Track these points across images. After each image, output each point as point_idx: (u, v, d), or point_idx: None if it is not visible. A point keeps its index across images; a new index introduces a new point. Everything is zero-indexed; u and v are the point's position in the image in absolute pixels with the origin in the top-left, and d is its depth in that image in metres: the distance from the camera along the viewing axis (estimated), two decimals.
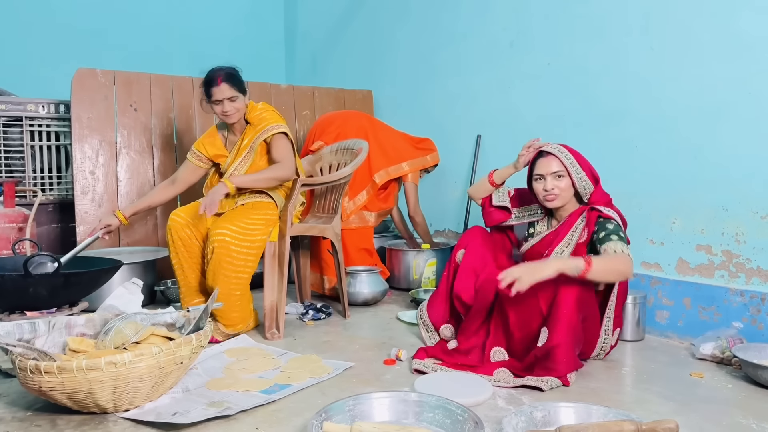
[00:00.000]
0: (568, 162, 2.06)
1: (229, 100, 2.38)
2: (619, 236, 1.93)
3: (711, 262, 2.26)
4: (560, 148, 2.09)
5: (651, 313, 2.40)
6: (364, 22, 4.18)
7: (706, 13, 2.22)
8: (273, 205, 2.45)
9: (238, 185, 2.29)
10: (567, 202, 2.10)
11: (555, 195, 2.06)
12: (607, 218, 1.97)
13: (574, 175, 2.06)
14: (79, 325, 1.87)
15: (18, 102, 3.27)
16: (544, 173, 2.07)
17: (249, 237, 2.30)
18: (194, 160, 2.55)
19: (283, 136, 2.44)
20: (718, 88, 2.20)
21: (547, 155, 2.09)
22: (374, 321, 2.62)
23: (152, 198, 2.55)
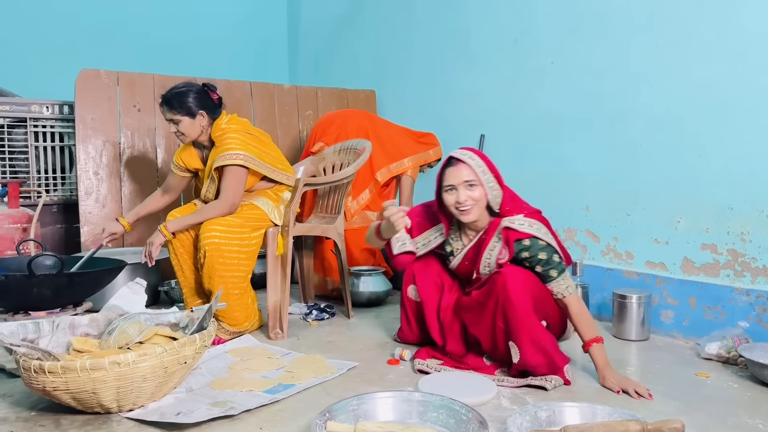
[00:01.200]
0: (480, 170, 1.88)
1: (172, 123, 2.35)
2: (555, 267, 1.86)
3: (716, 262, 2.25)
4: (470, 154, 1.90)
5: (656, 312, 2.39)
6: (366, 22, 4.18)
7: (709, 11, 2.21)
8: (257, 207, 2.41)
9: (172, 230, 2.31)
10: (482, 215, 1.93)
11: (468, 207, 1.88)
12: (527, 238, 1.85)
13: (485, 184, 1.88)
14: (83, 325, 1.87)
15: (22, 103, 3.28)
16: (455, 183, 1.88)
17: (238, 235, 2.29)
18: (177, 171, 2.55)
19: (233, 169, 2.31)
20: (723, 86, 2.19)
21: (456, 163, 1.89)
22: (378, 321, 2.62)
23: (149, 206, 2.58)
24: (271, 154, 2.48)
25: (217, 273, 2.24)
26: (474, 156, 1.91)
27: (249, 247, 2.33)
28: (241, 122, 2.46)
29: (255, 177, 2.44)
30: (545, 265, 1.87)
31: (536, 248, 1.86)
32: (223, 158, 2.31)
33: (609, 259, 2.59)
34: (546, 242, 1.88)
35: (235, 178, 2.32)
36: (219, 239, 2.24)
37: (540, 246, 1.87)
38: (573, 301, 1.89)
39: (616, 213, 2.56)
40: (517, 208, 1.94)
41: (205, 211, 2.32)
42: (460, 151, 1.93)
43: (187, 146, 2.53)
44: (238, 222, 2.31)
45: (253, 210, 2.39)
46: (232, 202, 2.32)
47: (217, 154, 2.34)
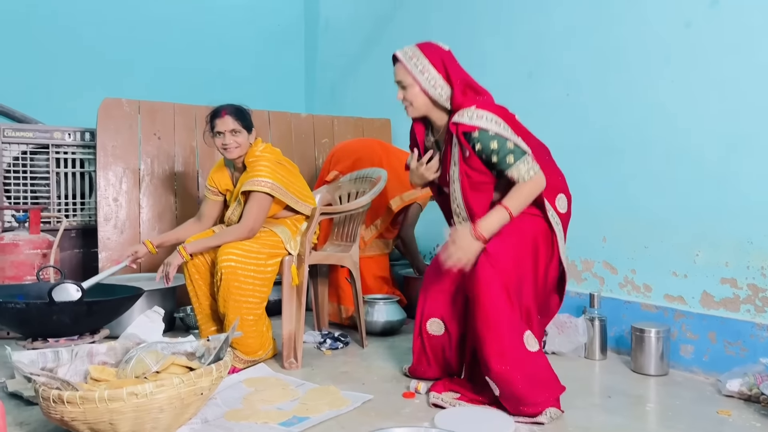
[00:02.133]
0: (416, 69, 1.86)
1: (231, 133, 2.38)
2: (510, 153, 1.81)
3: (736, 296, 2.22)
4: (411, 51, 1.89)
5: (675, 347, 2.35)
6: (382, 53, 4.23)
7: (727, 45, 2.22)
8: (276, 234, 2.43)
9: (191, 252, 2.33)
10: (427, 112, 1.93)
11: (406, 106, 1.92)
12: (474, 130, 1.80)
13: (423, 83, 1.86)
14: (101, 354, 1.88)
15: (45, 130, 3.36)
16: (396, 82, 1.92)
17: (254, 261, 2.31)
18: (210, 195, 2.58)
19: (259, 196, 2.35)
20: (741, 120, 2.19)
21: (395, 63, 1.91)
22: (392, 351, 2.60)
23: (179, 233, 2.57)
24: (297, 184, 2.52)
25: (232, 297, 2.25)
26: (414, 52, 1.89)
27: (264, 273, 2.34)
28: (274, 151, 2.52)
29: (279, 205, 2.47)
30: (499, 154, 1.82)
31: (486, 139, 1.82)
32: (251, 183, 2.35)
33: (627, 291, 2.57)
34: (495, 132, 1.81)
35: (258, 205, 2.36)
36: (235, 263, 2.25)
37: (489, 136, 1.81)
38: (530, 183, 1.83)
39: (633, 245, 2.54)
40: (469, 100, 1.87)
41: (224, 234, 2.35)
42: (406, 47, 1.91)
43: (220, 167, 2.58)
44: (255, 247, 2.32)
45: (272, 236, 2.41)
46: (251, 227, 2.34)
47: (246, 179, 2.39)
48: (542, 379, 1.82)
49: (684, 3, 2.35)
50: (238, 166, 2.52)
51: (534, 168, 1.85)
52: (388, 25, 4.17)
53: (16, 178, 3.27)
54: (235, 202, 2.48)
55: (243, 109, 2.44)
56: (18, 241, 2.76)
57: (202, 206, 2.63)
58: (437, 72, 1.87)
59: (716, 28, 2.26)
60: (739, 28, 2.19)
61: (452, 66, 1.93)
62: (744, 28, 2.18)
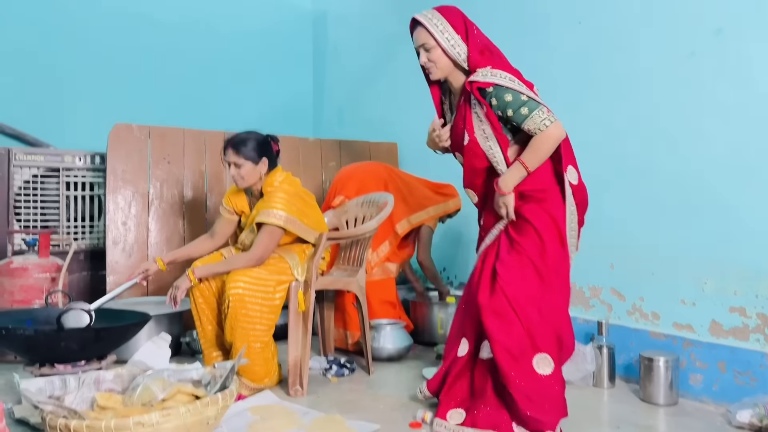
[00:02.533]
0: (436, 30, 1.92)
1: (234, 165, 2.41)
2: (525, 105, 1.85)
3: (745, 325, 2.20)
4: (430, 14, 1.95)
5: (684, 376, 2.33)
6: (388, 78, 4.28)
7: (731, 74, 2.24)
8: (285, 260, 2.44)
9: (199, 276, 2.35)
10: (449, 74, 1.99)
11: (429, 68, 1.98)
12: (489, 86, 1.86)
13: (443, 44, 1.92)
14: (108, 381, 1.89)
15: (56, 153, 3.40)
16: (416, 47, 1.99)
17: (263, 288, 2.31)
18: (226, 214, 2.60)
19: (271, 228, 2.35)
20: (747, 148, 2.20)
21: (416, 28, 1.98)
22: (399, 378, 2.59)
23: (191, 250, 2.58)
24: (311, 216, 2.51)
25: (239, 324, 2.25)
26: (434, 15, 1.94)
27: (272, 300, 2.34)
28: (293, 182, 2.53)
29: (290, 236, 2.47)
30: (514, 105, 1.86)
31: (501, 92, 1.87)
32: (266, 215, 2.35)
33: (635, 319, 2.55)
34: (509, 87, 1.86)
35: (270, 236, 2.37)
36: (243, 290, 2.26)
37: (504, 89, 1.87)
38: (547, 132, 1.86)
39: (641, 272, 2.53)
40: (485, 60, 1.93)
41: (233, 261, 2.37)
42: (425, 11, 1.97)
43: (239, 190, 2.58)
44: (264, 274, 2.33)
45: (280, 262, 2.41)
46: (260, 257, 2.35)
47: (262, 207, 2.39)
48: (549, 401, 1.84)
49: (688, 32, 2.38)
50: (255, 193, 2.54)
51: (550, 118, 1.87)
52: (396, 51, 4.22)
53: (26, 201, 3.30)
54: (248, 228, 2.49)
55: (245, 140, 2.43)
56: (27, 265, 2.78)
57: (216, 223, 2.65)
58: (456, 32, 1.93)
59: (720, 58, 2.28)
60: (743, 58, 2.21)
61: (471, 27, 1.99)
62: (748, 58, 2.20)
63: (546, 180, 1.97)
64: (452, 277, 3.65)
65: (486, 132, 1.95)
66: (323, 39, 5.20)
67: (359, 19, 4.71)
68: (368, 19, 4.57)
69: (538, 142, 1.88)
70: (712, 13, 2.30)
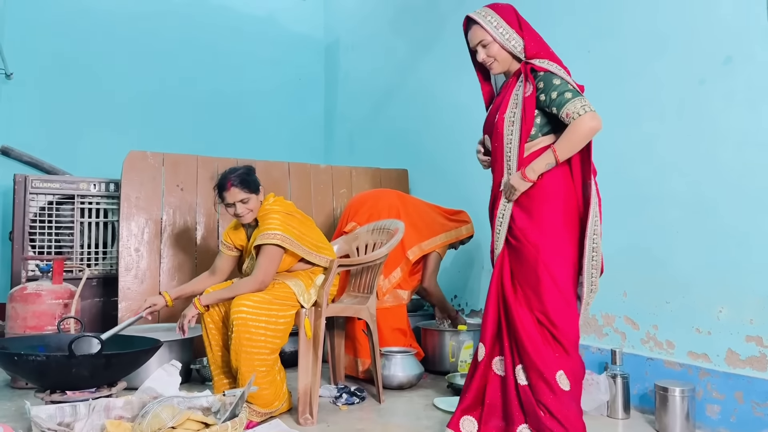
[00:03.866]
0: (492, 26, 2.00)
1: (241, 203, 2.44)
2: (569, 90, 1.91)
3: (762, 355, 2.16)
4: (484, 12, 2.03)
5: (701, 406, 2.28)
6: (399, 105, 4.33)
7: (740, 102, 2.24)
8: (288, 287, 2.43)
9: (205, 303, 2.37)
10: (509, 66, 2.07)
11: (490, 63, 2.05)
12: (543, 71, 1.94)
13: (499, 39, 2.00)
14: (118, 408, 1.89)
15: (71, 181, 3.46)
16: (473, 45, 2.06)
17: (266, 312, 2.31)
18: (225, 250, 2.63)
19: (269, 248, 2.38)
20: (759, 175, 2.18)
21: (471, 26, 2.06)
22: (409, 407, 2.56)
23: (195, 286, 2.60)
24: (310, 236, 2.53)
25: (243, 349, 2.25)
26: (488, 12, 2.02)
27: (276, 324, 2.34)
28: (284, 204, 2.56)
29: (293, 258, 2.49)
30: (559, 89, 1.92)
31: (550, 77, 1.94)
32: (262, 237, 2.38)
33: (649, 347, 2.52)
34: (560, 75, 1.93)
35: (268, 257, 2.38)
36: (246, 314, 2.26)
37: (554, 75, 1.94)
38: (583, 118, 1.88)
39: (654, 300, 2.51)
40: (543, 52, 2.01)
41: (237, 287, 2.38)
42: (477, 9, 2.05)
43: (237, 225, 2.62)
44: (267, 299, 2.33)
45: (284, 289, 2.41)
46: (262, 280, 2.36)
47: (258, 233, 2.42)
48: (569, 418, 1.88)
49: (697, 60, 2.39)
50: (251, 224, 2.57)
51: (590, 106, 1.91)
52: (406, 78, 4.28)
53: (41, 227, 3.35)
54: (248, 257, 2.52)
55: (247, 175, 2.46)
56: (41, 291, 2.80)
57: (216, 260, 2.67)
58: (510, 26, 2.01)
59: (729, 85, 2.28)
60: (753, 85, 2.21)
61: (523, 20, 2.06)
62: (757, 85, 2.20)
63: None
64: (464, 304, 3.62)
65: (515, 116, 2.00)
66: (335, 67, 5.28)
67: (370, 48, 4.79)
68: (379, 48, 4.64)
69: (574, 128, 1.91)
70: (720, 42, 2.32)
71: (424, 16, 4.10)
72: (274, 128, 4.97)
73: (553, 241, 1.96)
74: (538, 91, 1.96)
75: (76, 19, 4.29)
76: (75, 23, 4.29)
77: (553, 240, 1.96)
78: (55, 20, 4.22)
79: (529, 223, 1.98)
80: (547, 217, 1.97)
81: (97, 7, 4.38)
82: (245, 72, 4.99)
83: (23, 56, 4.10)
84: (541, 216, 1.97)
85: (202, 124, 4.72)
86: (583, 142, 1.92)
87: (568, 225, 1.99)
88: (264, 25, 5.11)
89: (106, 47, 4.40)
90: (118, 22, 4.45)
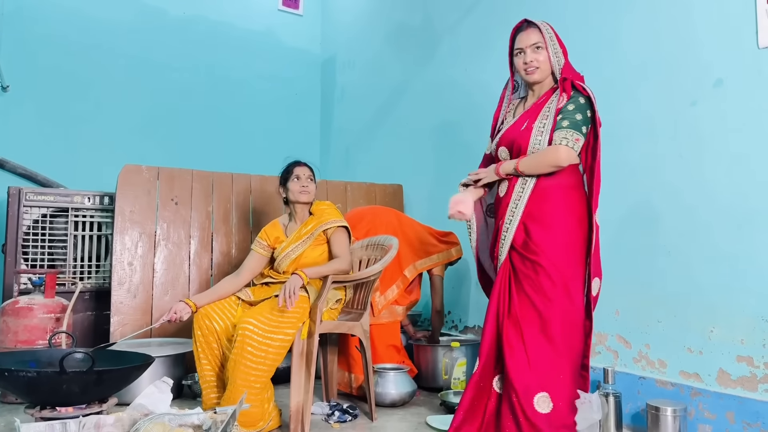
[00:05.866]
0: (548, 35, 2.11)
1: (308, 179, 2.72)
2: (570, 120, 2.01)
3: (753, 375, 2.17)
4: (542, 22, 2.14)
5: (692, 426, 2.29)
6: (395, 120, 4.36)
7: (732, 123, 2.27)
8: (306, 299, 2.48)
9: (310, 276, 2.46)
10: (546, 77, 2.15)
11: (534, 68, 2.12)
12: (580, 91, 2.04)
13: (550, 48, 2.10)
14: (108, 425, 1.87)
15: (65, 194, 3.45)
16: (524, 46, 2.13)
17: (273, 330, 2.31)
18: (259, 249, 2.72)
19: (343, 231, 2.68)
20: (750, 197, 2.21)
21: (527, 27, 2.14)
22: (402, 425, 2.55)
23: (219, 290, 2.58)
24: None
25: (243, 361, 2.24)
26: (546, 23, 2.14)
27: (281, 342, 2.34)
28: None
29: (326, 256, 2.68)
30: (568, 114, 2.01)
31: (574, 100, 2.05)
32: (334, 222, 2.66)
33: (641, 366, 2.52)
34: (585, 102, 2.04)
35: (345, 241, 2.67)
36: (250, 332, 2.26)
37: (579, 101, 2.05)
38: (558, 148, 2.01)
39: (646, 319, 2.52)
40: (578, 77, 2.11)
41: (334, 264, 2.55)
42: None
43: (274, 223, 2.80)
44: (276, 317, 2.34)
45: (301, 302, 2.42)
46: (349, 260, 2.61)
47: (321, 221, 2.67)
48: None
49: (689, 83, 2.42)
50: (297, 218, 2.75)
51: (570, 142, 2.01)
52: (401, 96, 4.31)
53: (34, 240, 3.34)
54: (298, 241, 2.66)
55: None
56: (33, 305, 2.79)
57: (246, 260, 2.72)
58: (559, 44, 2.13)
59: (720, 107, 2.31)
60: (743, 107, 2.25)
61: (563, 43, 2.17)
62: (748, 107, 2.23)
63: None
64: (457, 320, 3.63)
65: (545, 127, 2.08)
66: (331, 83, 5.32)
67: (366, 64, 4.83)
68: (375, 65, 4.68)
69: (545, 152, 2.04)
70: (711, 64, 2.35)
71: (419, 34, 4.14)
72: (270, 143, 4.98)
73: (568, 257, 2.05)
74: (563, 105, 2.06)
75: (73, 33, 4.31)
76: (71, 36, 4.30)
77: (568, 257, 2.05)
78: (52, 33, 4.24)
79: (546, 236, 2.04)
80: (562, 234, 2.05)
81: (93, 20, 4.40)
82: (242, 86, 5.02)
83: (19, 69, 4.10)
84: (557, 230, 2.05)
85: (198, 139, 4.73)
86: (545, 168, 2.06)
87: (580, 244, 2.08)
88: (261, 40, 5.14)
89: (102, 61, 4.42)
90: (115, 35, 4.47)
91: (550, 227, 2.06)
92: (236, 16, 5.03)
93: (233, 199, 3.50)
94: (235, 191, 3.52)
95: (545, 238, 2.05)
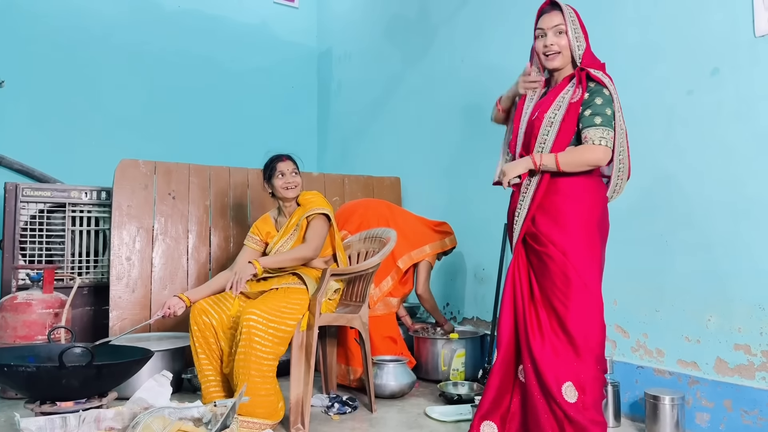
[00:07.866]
0: (570, 19, 2.03)
1: (292, 174, 2.64)
2: (601, 116, 1.93)
3: (751, 363, 2.18)
4: (566, 6, 2.06)
5: (690, 414, 2.30)
6: (391, 113, 4.35)
7: (728, 112, 2.27)
8: (305, 291, 2.48)
9: (264, 266, 2.45)
10: (566, 64, 2.07)
11: (553, 53, 2.04)
12: (599, 83, 1.96)
13: (570, 33, 2.02)
14: (108, 419, 1.88)
15: (62, 189, 3.44)
16: (546, 27, 2.05)
17: (277, 320, 2.31)
18: (251, 244, 2.71)
19: (321, 218, 2.62)
20: (747, 185, 2.21)
21: (551, 9, 2.06)
22: (402, 416, 2.56)
23: (214, 285, 2.57)
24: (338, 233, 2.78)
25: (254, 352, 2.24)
26: (570, 8, 2.06)
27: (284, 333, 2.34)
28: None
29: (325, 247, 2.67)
30: (595, 109, 1.94)
31: (600, 92, 1.95)
32: (313, 210, 2.62)
33: (639, 355, 2.54)
34: (610, 95, 1.95)
35: (319, 227, 2.60)
36: (255, 322, 2.26)
37: (604, 94, 1.95)
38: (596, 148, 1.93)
39: (644, 308, 2.53)
40: (598, 65, 2.03)
41: (294, 251, 2.52)
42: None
43: (265, 218, 2.78)
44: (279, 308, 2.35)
45: (300, 295, 2.44)
46: (315, 246, 2.54)
47: (304, 211, 2.64)
48: None
49: (686, 72, 2.42)
50: (286, 211, 2.72)
51: (608, 141, 1.94)
52: (398, 88, 4.30)
53: (32, 235, 3.33)
54: (286, 235, 2.65)
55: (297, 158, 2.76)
56: (31, 300, 2.79)
57: (239, 256, 2.71)
58: (582, 30, 2.05)
59: (717, 96, 2.31)
60: (739, 96, 2.25)
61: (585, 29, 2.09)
62: (744, 96, 2.23)
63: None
64: (456, 312, 3.63)
65: (556, 117, 2.02)
66: (328, 76, 5.30)
67: (363, 57, 4.81)
68: (371, 57, 4.67)
69: (583, 150, 1.96)
70: (708, 53, 2.35)
71: (415, 26, 4.13)
72: (267, 136, 4.97)
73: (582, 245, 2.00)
74: (582, 101, 1.98)
75: (68, 27, 4.29)
76: (67, 31, 4.28)
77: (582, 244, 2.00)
78: (47, 28, 4.21)
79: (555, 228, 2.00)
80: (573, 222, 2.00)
81: (89, 14, 4.37)
82: (238, 80, 5.00)
83: (15, 64, 4.09)
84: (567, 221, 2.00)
85: (195, 133, 4.71)
86: (582, 166, 1.98)
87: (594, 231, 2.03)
88: (257, 33, 5.12)
89: (98, 55, 4.40)
90: (111, 30, 4.45)
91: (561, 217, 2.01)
92: (232, 9, 5.00)
93: (231, 192, 3.49)
94: (232, 185, 3.51)
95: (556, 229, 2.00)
